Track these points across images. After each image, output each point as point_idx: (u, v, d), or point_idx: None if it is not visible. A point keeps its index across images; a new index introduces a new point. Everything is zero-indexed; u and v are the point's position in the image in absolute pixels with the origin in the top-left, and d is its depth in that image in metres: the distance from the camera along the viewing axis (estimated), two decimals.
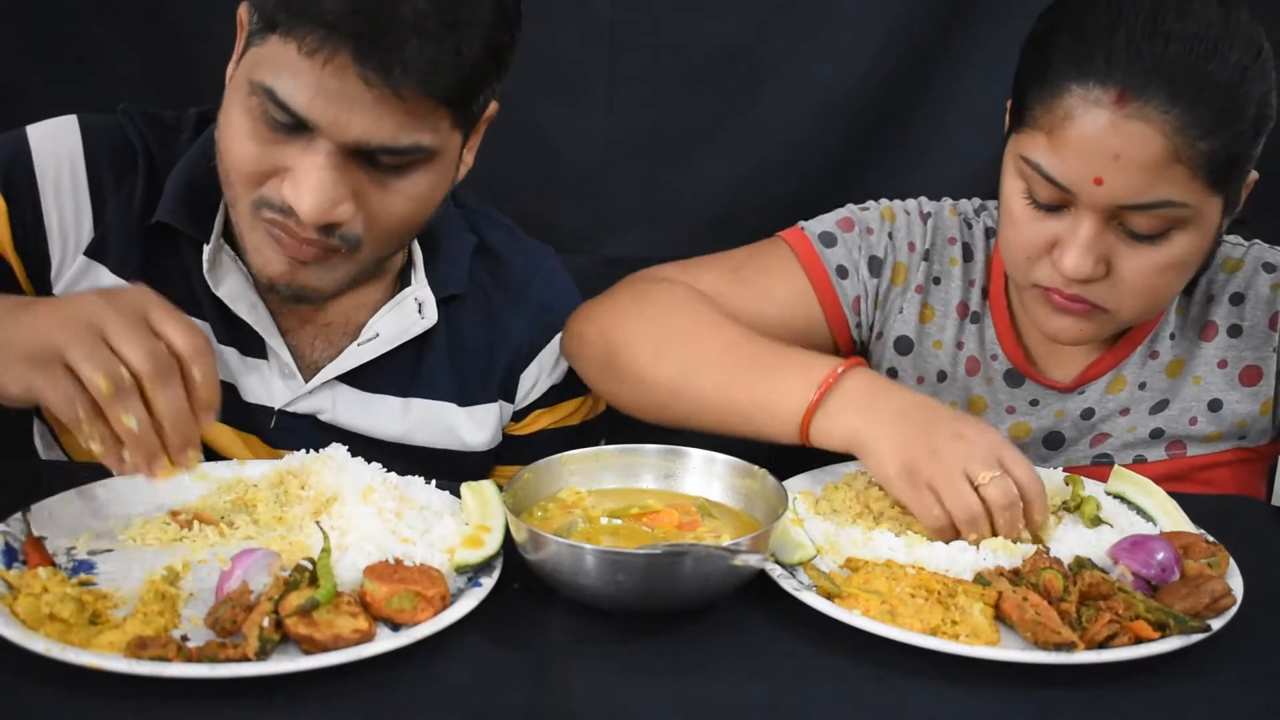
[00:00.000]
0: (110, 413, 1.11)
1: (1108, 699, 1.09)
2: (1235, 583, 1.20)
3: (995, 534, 1.26)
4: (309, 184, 1.28)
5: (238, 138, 1.32)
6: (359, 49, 1.23)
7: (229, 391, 1.49)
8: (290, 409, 1.51)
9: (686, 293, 1.54)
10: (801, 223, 1.63)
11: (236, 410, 1.49)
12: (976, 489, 1.25)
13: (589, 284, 1.68)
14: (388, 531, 1.20)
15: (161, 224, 1.44)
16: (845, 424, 1.33)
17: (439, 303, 1.53)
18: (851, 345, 1.64)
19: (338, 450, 1.34)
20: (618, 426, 1.66)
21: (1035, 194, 1.40)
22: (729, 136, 2.04)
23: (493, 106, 1.43)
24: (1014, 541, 1.25)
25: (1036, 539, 1.28)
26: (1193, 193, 1.34)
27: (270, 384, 1.51)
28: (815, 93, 2.02)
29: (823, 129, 2.03)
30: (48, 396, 1.11)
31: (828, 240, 1.61)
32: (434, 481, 1.32)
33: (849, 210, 1.65)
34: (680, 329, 1.49)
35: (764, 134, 2.03)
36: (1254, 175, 1.43)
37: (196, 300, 1.47)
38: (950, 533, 1.27)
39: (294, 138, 1.29)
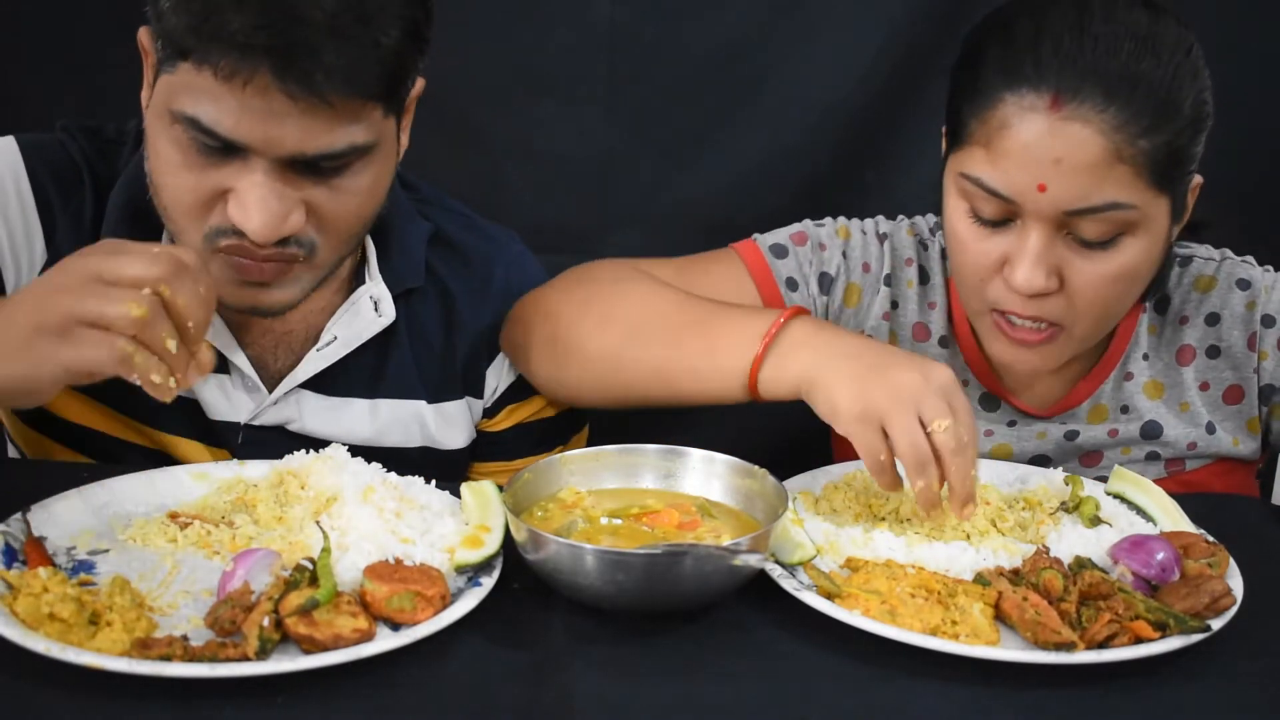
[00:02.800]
0: (154, 337, 1.09)
1: (1108, 699, 1.09)
2: (1235, 583, 1.20)
3: (942, 482, 1.23)
4: (253, 203, 1.25)
5: (171, 170, 1.28)
6: (276, 64, 1.19)
7: (194, 409, 1.47)
8: (256, 422, 1.48)
9: (631, 269, 1.53)
10: (755, 235, 1.61)
11: (203, 428, 1.47)
12: (928, 434, 1.22)
13: None
14: (388, 531, 1.19)
15: None
16: (795, 364, 1.30)
17: (397, 298, 1.50)
18: None
19: (338, 450, 1.34)
20: (603, 418, 1.65)
21: (979, 211, 1.38)
22: (729, 137, 2.04)
23: (419, 84, 1.38)
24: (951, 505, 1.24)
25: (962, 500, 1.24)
26: (1138, 193, 1.32)
27: (234, 398, 1.47)
28: (815, 93, 2.02)
29: (822, 129, 2.03)
30: (85, 355, 1.08)
31: (779, 252, 1.58)
32: (434, 481, 1.31)
33: (804, 225, 1.62)
34: (624, 298, 1.47)
35: (764, 134, 2.04)
36: (1198, 179, 1.41)
37: None
38: (889, 476, 1.24)
39: (228, 159, 1.26)
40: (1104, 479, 1.42)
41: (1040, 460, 1.57)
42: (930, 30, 1.99)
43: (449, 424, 1.56)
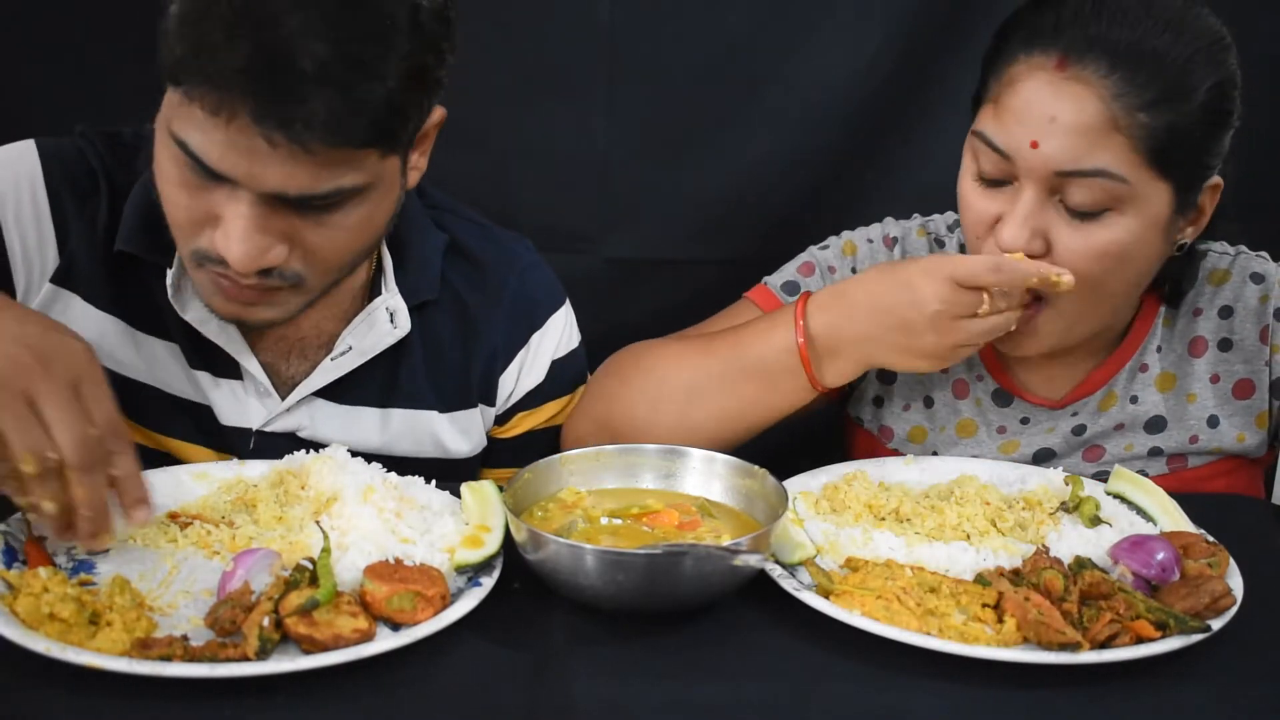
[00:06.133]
0: (29, 488, 1.11)
1: (1108, 699, 1.09)
2: (1235, 583, 1.20)
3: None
4: (235, 233, 1.24)
5: (170, 184, 1.28)
6: (256, 109, 1.17)
7: (205, 414, 1.47)
8: (268, 429, 1.48)
9: (649, 344, 1.56)
10: (765, 278, 1.63)
11: (213, 433, 1.47)
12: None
13: (589, 284, 1.68)
14: (388, 531, 1.20)
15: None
16: (841, 365, 1.43)
17: (412, 309, 1.49)
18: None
19: (338, 450, 1.34)
20: None
21: (982, 169, 1.40)
22: (729, 137, 2.04)
23: (439, 113, 1.36)
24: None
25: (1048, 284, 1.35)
26: (1132, 168, 1.33)
27: (246, 404, 1.47)
28: (815, 93, 2.02)
29: (823, 128, 2.03)
30: None
31: (790, 289, 1.60)
32: (434, 481, 1.31)
33: (809, 254, 1.64)
34: (663, 375, 1.50)
35: (764, 134, 2.03)
36: (1217, 180, 1.41)
37: (165, 324, 1.44)
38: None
39: (219, 185, 1.24)
40: (1105, 474, 1.42)
41: (1043, 454, 1.57)
42: (930, 31, 1.99)
43: (461, 433, 1.56)
